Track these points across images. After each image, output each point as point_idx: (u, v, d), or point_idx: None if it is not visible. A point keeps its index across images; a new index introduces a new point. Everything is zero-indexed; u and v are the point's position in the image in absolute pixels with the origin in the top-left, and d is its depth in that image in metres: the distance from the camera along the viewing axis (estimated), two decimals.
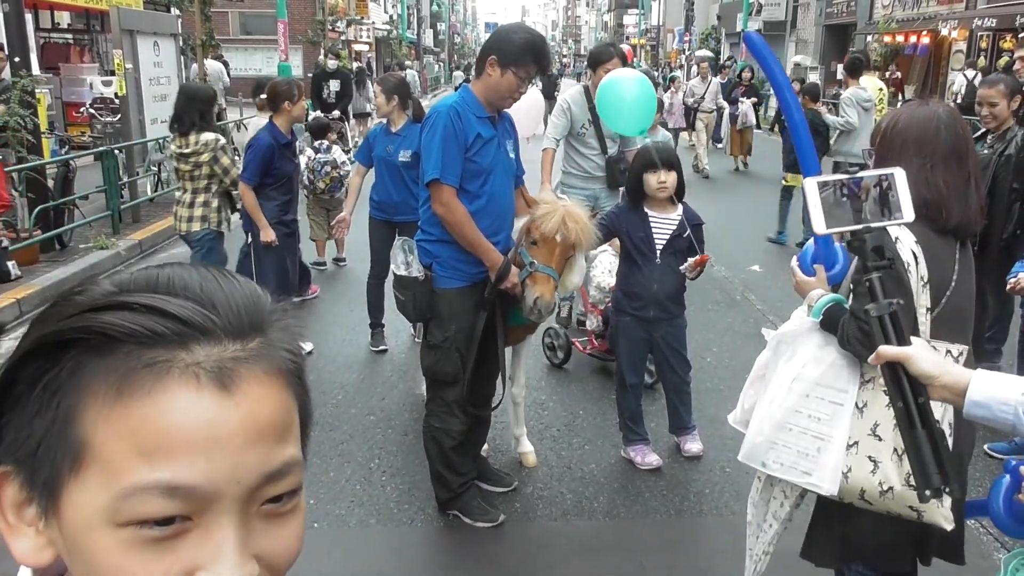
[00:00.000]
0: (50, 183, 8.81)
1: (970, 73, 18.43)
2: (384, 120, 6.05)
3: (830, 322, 2.29)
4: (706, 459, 4.55)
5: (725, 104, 16.21)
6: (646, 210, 4.33)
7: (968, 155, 2.34)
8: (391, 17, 48.19)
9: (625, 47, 11.07)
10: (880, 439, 2.25)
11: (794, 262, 2.48)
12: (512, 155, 3.82)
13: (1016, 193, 5.04)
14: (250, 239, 5.91)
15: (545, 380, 5.70)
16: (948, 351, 2.25)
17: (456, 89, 4.29)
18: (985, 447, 4.57)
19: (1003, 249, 5.01)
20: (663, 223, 4.32)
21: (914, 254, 2.24)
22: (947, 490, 1.43)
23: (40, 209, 8.29)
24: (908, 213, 1.55)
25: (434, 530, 3.96)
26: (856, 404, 2.31)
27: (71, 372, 0.59)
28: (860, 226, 1.52)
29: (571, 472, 4.46)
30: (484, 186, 3.64)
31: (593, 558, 3.76)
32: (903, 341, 1.49)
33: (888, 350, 1.48)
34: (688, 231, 4.29)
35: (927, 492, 1.42)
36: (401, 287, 3.79)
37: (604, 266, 5.53)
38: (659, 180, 4.22)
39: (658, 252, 4.30)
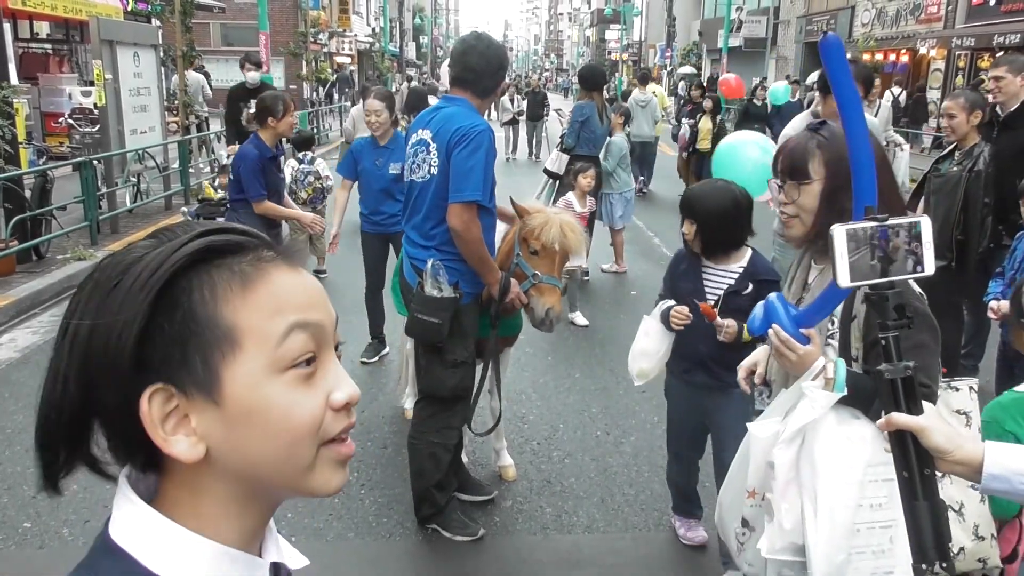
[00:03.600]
0: (27, 193, 8.73)
1: (896, 90, 18.91)
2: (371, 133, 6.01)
3: (860, 392, 2.02)
4: None
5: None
6: (702, 257, 3.59)
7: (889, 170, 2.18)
8: (373, 30, 48.18)
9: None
10: None
11: (781, 333, 2.07)
12: None
13: (987, 208, 5.12)
14: None
15: (525, 394, 5.69)
16: (971, 387, 2.13)
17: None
18: None
19: (979, 263, 5.08)
20: (718, 275, 3.55)
21: (922, 296, 2.11)
22: (943, 566, 1.35)
23: (17, 220, 8.22)
24: (929, 266, 1.43)
25: (413, 544, 3.94)
26: None
27: (201, 289, 0.79)
28: (884, 280, 1.41)
29: (551, 486, 4.45)
30: (491, 200, 3.66)
31: (572, 572, 3.75)
32: (915, 408, 1.41)
33: (901, 419, 1.40)
34: (751, 287, 3.44)
35: (922, 566, 1.35)
36: (439, 309, 3.58)
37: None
38: (683, 230, 3.59)
39: None
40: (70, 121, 12.89)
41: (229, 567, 0.82)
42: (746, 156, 5.04)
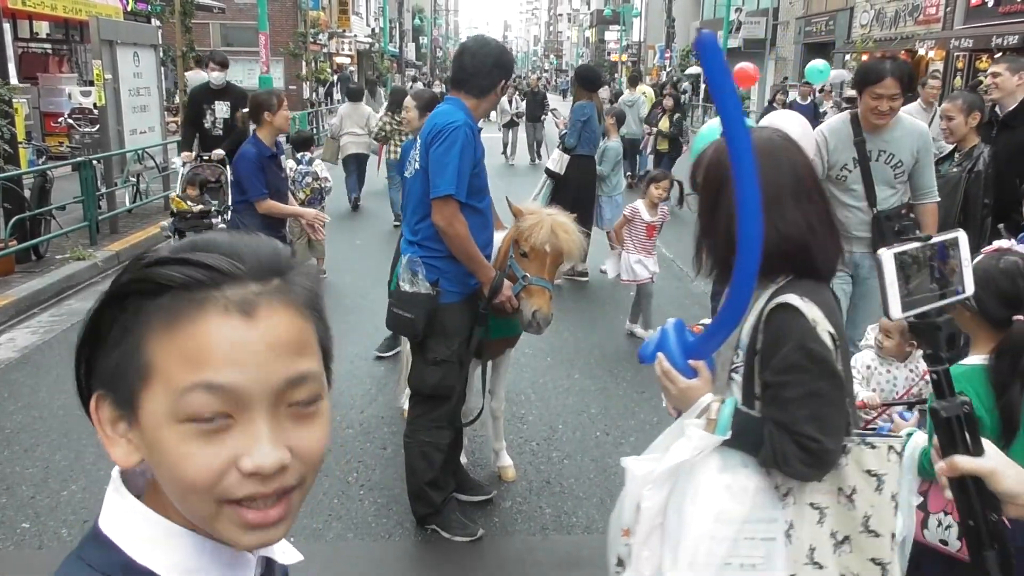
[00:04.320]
0: (27, 193, 8.73)
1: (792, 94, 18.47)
2: (414, 135, 6.04)
3: (747, 437, 1.82)
4: None
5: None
6: None
7: (816, 184, 1.98)
8: (373, 30, 48.22)
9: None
10: (821, 567, 1.82)
11: (663, 363, 1.94)
12: None
13: (987, 208, 5.14)
14: None
15: (524, 394, 5.69)
16: (891, 447, 1.88)
17: None
18: None
19: None
20: None
21: (832, 337, 1.81)
22: None
23: (16, 219, 8.21)
24: (969, 286, 1.27)
25: (412, 545, 3.93)
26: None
27: (135, 313, 0.79)
28: (932, 306, 1.25)
29: (550, 487, 4.45)
30: (483, 201, 3.70)
31: (572, 572, 3.75)
32: (977, 448, 1.23)
33: (966, 463, 1.22)
34: None
35: None
36: (412, 305, 3.64)
37: (855, 369, 3.77)
38: None
39: None
40: (69, 121, 12.91)
41: (211, 557, 0.84)
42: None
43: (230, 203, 8.57)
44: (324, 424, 0.84)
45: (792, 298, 1.81)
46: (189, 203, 8.36)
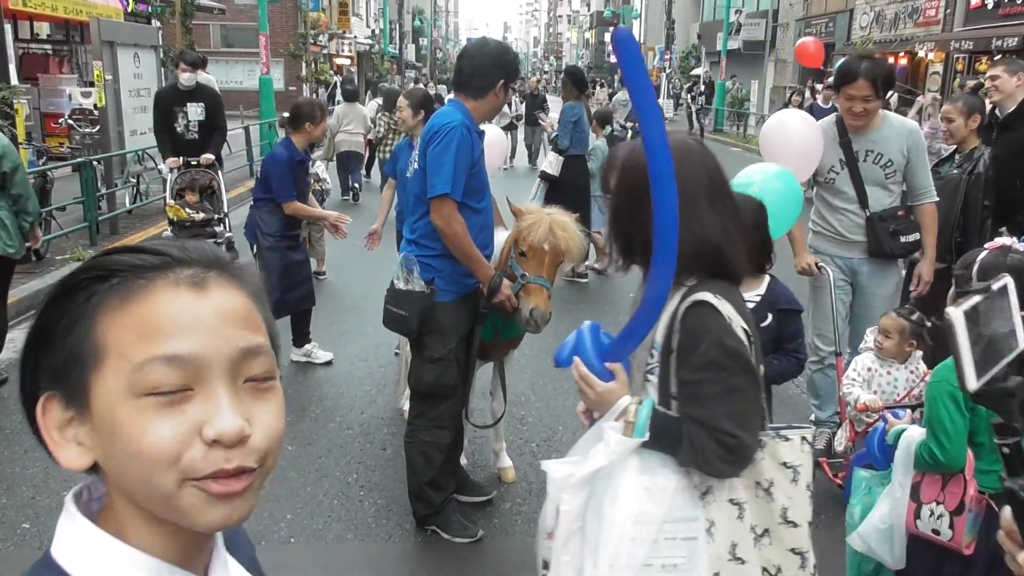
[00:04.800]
0: None
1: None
2: (408, 134, 6.09)
3: (665, 437, 1.81)
4: None
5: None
6: None
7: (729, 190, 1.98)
8: (373, 32, 48.27)
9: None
10: (743, 561, 1.84)
11: (580, 367, 1.93)
12: None
13: (987, 211, 5.14)
14: (255, 249, 6.00)
15: (524, 396, 5.70)
16: (804, 438, 1.93)
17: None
18: None
19: None
20: None
21: (746, 332, 1.83)
22: None
23: None
24: (1021, 337, 1.15)
25: (412, 546, 3.94)
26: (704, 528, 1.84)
27: (87, 299, 0.80)
28: (999, 367, 1.09)
29: None
30: (482, 202, 3.72)
31: None
32: None
33: None
34: (770, 318, 3.10)
35: None
36: (405, 303, 3.69)
37: (855, 372, 3.81)
38: None
39: None
40: (70, 122, 12.88)
41: None
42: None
43: (226, 209, 8.56)
44: (280, 404, 0.85)
45: (707, 295, 1.82)
46: (188, 211, 8.29)
